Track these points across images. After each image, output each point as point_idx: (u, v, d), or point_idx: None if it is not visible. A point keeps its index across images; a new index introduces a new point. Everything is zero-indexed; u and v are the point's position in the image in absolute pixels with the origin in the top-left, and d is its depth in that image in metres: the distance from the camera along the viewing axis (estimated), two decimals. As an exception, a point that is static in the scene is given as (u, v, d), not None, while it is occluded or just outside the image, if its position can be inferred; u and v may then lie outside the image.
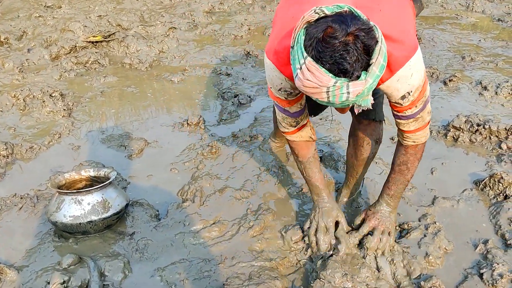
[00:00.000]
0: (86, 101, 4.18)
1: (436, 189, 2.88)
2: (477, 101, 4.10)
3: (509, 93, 4.13)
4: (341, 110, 1.90)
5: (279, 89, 1.98)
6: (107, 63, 5.02)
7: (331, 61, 1.48)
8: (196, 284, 2.17)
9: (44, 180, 2.99)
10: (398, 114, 2.02)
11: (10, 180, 3.05)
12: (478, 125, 3.42)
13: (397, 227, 2.51)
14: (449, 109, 3.91)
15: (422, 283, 2.12)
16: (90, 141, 3.51)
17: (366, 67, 1.53)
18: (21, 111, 3.91)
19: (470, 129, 3.43)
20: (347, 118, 2.60)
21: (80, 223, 2.41)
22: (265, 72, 2.03)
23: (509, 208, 2.60)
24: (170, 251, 2.39)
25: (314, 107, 2.46)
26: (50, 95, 4.04)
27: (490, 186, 2.81)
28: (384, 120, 2.54)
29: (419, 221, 2.57)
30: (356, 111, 1.72)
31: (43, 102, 3.95)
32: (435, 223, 2.51)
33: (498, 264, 2.21)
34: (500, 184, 2.77)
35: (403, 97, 1.90)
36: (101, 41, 5.40)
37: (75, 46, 5.23)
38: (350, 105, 1.71)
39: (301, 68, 1.55)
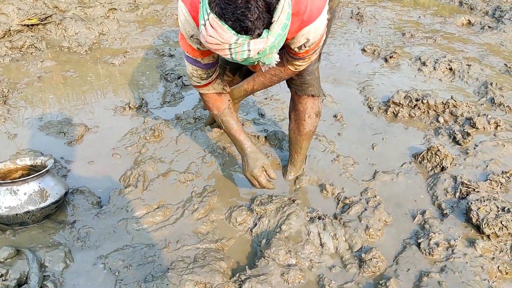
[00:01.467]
0: (22, 87, 4.00)
1: (377, 163, 2.95)
2: (416, 76, 4.22)
3: (446, 68, 4.26)
4: (252, 66, 1.93)
5: (191, 36, 1.96)
6: (44, 47, 4.81)
7: (233, 18, 1.52)
8: (140, 269, 2.14)
9: (-22, 172, 2.85)
10: (290, 54, 2.11)
11: None
12: (417, 100, 3.52)
13: (340, 202, 2.58)
14: (389, 85, 4.00)
15: (363, 255, 2.18)
16: (27, 129, 3.37)
17: (268, 25, 1.57)
18: (-49, 99, 3.70)
19: (409, 104, 3.53)
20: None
21: (16, 214, 2.31)
22: (178, 16, 1.98)
23: (445, 180, 2.71)
24: (113, 238, 2.35)
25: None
26: (-18, 82, 3.84)
27: (427, 159, 2.91)
28: (325, 96, 2.57)
29: (361, 195, 2.63)
30: (263, 69, 1.78)
31: (-25, 89, 3.75)
32: (375, 196, 2.58)
33: (434, 233, 2.30)
34: (437, 157, 2.87)
35: (300, 47, 2.00)
36: (37, 24, 5.16)
37: (9, 30, 4.96)
38: (256, 62, 1.74)
39: (205, 24, 1.58)
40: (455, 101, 3.47)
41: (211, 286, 2.01)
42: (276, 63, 2.18)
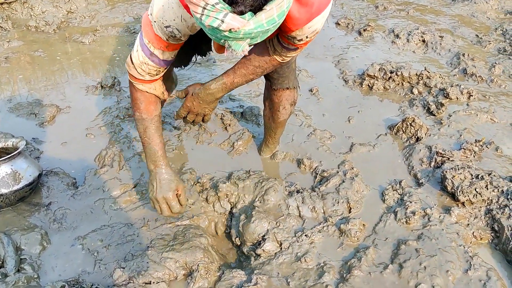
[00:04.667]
0: (-11, 68, 3.88)
1: (353, 136, 2.97)
2: (390, 49, 4.23)
3: (419, 40, 4.29)
4: (218, 48, 1.65)
5: (167, 26, 1.76)
6: (10, 26, 4.66)
7: None
8: (120, 249, 2.12)
9: None
10: (285, 44, 1.91)
11: None
12: (391, 72, 3.54)
13: (318, 175, 2.58)
14: (364, 59, 4.00)
15: (342, 226, 2.20)
16: (-4, 111, 3.29)
17: (256, 10, 1.38)
18: None
19: (384, 76, 3.54)
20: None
21: (-11, 198, 2.27)
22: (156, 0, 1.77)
23: (420, 150, 2.74)
24: (90, 218, 2.32)
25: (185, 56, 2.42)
26: None
27: (403, 130, 2.94)
28: (300, 88, 2.53)
29: (338, 168, 2.65)
30: (225, 53, 1.53)
31: None
32: (352, 168, 2.60)
33: (411, 202, 2.33)
34: (412, 127, 2.90)
35: (300, 40, 1.84)
36: (2, 3, 4.98)
37: (-28, 10, 4.80)
38: (223, 44, 1.49)
39: None
40: (429, 72, 3.50)
41: (192, 263, 2.01)
42: (261, 52, 1.99)
